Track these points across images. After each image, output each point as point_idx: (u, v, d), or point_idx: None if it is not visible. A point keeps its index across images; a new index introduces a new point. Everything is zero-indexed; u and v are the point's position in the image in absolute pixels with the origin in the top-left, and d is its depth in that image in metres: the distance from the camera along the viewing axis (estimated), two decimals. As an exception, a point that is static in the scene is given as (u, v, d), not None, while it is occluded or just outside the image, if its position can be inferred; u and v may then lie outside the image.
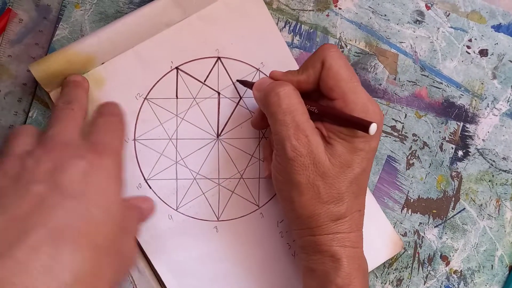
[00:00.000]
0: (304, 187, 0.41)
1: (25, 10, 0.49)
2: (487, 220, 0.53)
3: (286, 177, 0.42)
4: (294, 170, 0.40)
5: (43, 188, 0.35)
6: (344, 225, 0.42)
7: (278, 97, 0.41)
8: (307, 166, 0.40)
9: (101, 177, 0.38)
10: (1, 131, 0.49)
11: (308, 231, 0.42)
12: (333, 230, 0.42)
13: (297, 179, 0.41)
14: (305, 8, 0.52)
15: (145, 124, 0.50)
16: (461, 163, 0.53)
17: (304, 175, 0.40)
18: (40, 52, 0.50)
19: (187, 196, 0.50)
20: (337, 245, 0.42)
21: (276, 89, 0.41)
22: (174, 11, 0.49)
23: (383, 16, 0.53)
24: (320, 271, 0.42)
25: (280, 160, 0.42)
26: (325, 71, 0.42)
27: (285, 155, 0.41)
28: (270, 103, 0.41)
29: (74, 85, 0.47)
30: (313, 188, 0.41)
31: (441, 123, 0.53)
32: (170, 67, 0.50)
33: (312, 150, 0.40)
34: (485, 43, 0.53)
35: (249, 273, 0.51)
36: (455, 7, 0.53)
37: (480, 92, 0.53)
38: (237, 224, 0.51)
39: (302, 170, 0.40)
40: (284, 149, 0.40)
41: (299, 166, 0.40)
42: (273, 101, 0.41)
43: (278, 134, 0.41)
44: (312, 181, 0.41)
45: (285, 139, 0.40)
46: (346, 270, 0.41)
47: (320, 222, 0.42)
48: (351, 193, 0.42)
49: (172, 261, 0.50)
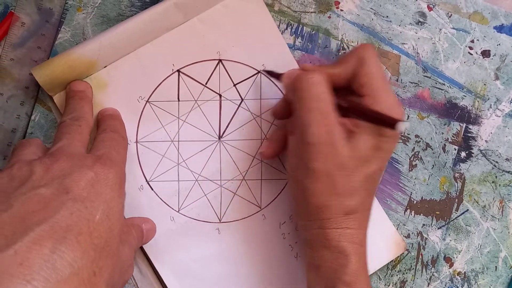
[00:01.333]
0: (320, 175, 0.41)
1: (28, 14, 0.50)
2: (491, 222, 0.53)
3: (302, 163, 0.42)
4: (312, 156, 0.41)
5: (50, 191, 0.36)
6: (354, 221, 0.42)
7: (308, 83, 0.42)
8: (325, 155, 0.41)
9: (106, 188, 0.38)
10: (4, 135, 0.50)
11: (317, 223, 0.42)
12: (343, 225, 0.42)
13: (313, 166, 0.41)
14: (306, 10, 0.52)
15: (147, 127, 0.50)
16: (464, 164, 0.53)
17: (321, 163, 0.41)
18: (42, 55, 0.50)
19: (189, 198, 0.50)
20: (346, 241, 0.42)
21: (309, 75, 0.42)
22: (175, 14, 0.49)
23: (385, 17, 0.52)
24: (326, 268, 0.42)
25: (300, 145, 0.42)
26: (361, 68, 0.43)
27: (306, 140, 0.41)
28: (300, 88, 0.42)
29: (79, 97, 0.47)
30: (328, 177, 0.41)
31: (443, 124, 0.53)
32: (171, 70, 0.50)
33: (333, 140, 0.41)
34: (487, 44, 0.53)
35: (251, 275, 0.51)
36: (457, 8, 0.53)
37: (483, 93, 0.53)
38: (239, 226, 0.51)
39: (320, 158, 0.41)
40: (306, 134, 0.41)
41: (318, 153, 0.41)
42: (303, 86, 0.42)
43: (302, 118, 0.42)
44: (329, 170, 0.41)
45: (308, 125, 0.41)
46: (354, 268, 0.41)
47: (331, 214, 0.41)
48: (365, 190, 0.42)
49: (174, 263, 0.50)
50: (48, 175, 0.37)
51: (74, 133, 0.43)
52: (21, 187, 0.36)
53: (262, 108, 0.51)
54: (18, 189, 0.36)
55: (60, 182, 0.37)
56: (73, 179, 0.37)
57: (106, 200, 0.38)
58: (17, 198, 0.35)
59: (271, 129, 0.51)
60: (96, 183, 0.38)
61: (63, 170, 0.38)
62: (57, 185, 0.36)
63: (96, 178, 0.38)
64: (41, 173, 0.37)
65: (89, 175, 0.38)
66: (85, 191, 0.37)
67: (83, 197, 0.36)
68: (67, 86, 0.48)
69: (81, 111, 0.46)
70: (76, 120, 0.44)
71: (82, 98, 0.47)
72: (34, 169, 0.37)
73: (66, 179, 0.37)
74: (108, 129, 0.46)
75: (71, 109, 0.46)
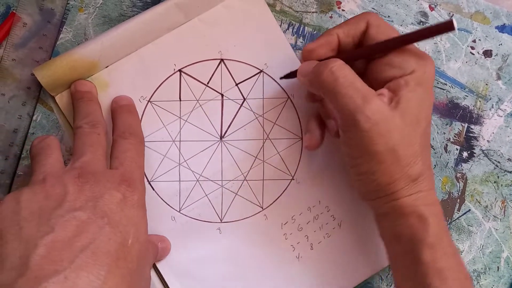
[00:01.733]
0: (383, 154, 0.40)
1: (29, 14, 0.50)
2: (493, 222, 0.53)
3: (362, 150, 0.40)
4: (372, 141, 0.39)
5: (86, 215, 0.37)
6: (424, 182, 0.42)
7: (332, 73, 0.40)
8: (383, 134, 0.39)
9: (133, 210, 0.40)
10: (5, 135, 0.50)
11: (390, 197, 0.42)
12: (414, 190, 0.41)
13: (375, 149, 0.40)
14: (308, 10, 0.52)
15: (148, 127, 0.50)
16: (466, 164, 0.53)
17: (382, 143, 0.39)
18: (44, 56, 0.50)
19: (190, 198, 0.50)
20: (421, 204, 0.41)
21: (328, 66, 0.41)
22: (176, 14, 0.49)
23: (387, 17, 0.52)
24: (407, 235, 0.41)
25: (353, 135, 0.40)
26: (373, 28, 0.43)
27: (359, 127, 0.39)
28: (326, 82, 0.41)
29: (88, 99, 0.48)
30: (392, 153, 0.40)
31: (445, 124, 0.53)
32: (173, 70, 0.50)
33: (385, 116, 0.39)
34: (489, 44, 0.53)
35: (252, 275, 0.50)
36: (459, 8, 0.53)
37: (485, 93, 0.53)
38: (241, 226, 0.51)
39: (379, 139, 0.39)
40: (357, 122, 0.39)
41: (376, 135, 0.39)
42: (328, 79, 0.41)
43: (344, 108, 0.40)
44: (391, 146, 0.40)
45: (356, 112, 0.39)
46: (434, 229, 0.41)
47: (401, 185, 0.41)
48: (423, 147, 0.42)
49: (175, 263, 0.50)
50: (81, 197, 0.38)
51: (97, 145, 0.44)
52: (58, 209, 0.37)
53: (264, 107, 0.51)
54: (55, 210, 0.37)
55: (94, 205, 0.38)
56: (105, 202, 0.38)
57: (135, 223, 0.40)
58: (57, 220, 0.36)
59: (273, 129, 0.51)
60: (124, 206, 0.39)
61: (94, 192, 0.39)
62: (91, 209, 0.38)
63: (124, 200, 0.40)
64: (75, 194, 0.38)
65: (118, 197, 0.39)
66: (117, 215, 0.38)
67: (116, 221, 0.38)
68: (70, 86, 0.49)
69: (95, 114, 0.46)
70: (93, 127, 0.45)
71: (92, 100, 0.48)
72: (67, 189, 0.38)
73: (99, 202, 0.38)
74: (126, 132, 0.46)
75: (84, 112, 0.46)
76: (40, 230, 0.35)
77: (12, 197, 0.38)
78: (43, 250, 0.34)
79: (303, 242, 0.51)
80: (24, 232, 0.35)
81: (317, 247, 0.51)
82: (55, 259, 0.34)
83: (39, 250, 0.34)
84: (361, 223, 0.51)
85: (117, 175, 0.41)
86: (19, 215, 0.36)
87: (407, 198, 0.41)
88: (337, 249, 0.51)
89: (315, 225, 0.51)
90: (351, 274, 0.51)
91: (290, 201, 0.51)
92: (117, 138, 0.45)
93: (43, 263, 0.34)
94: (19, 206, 0.37)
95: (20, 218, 0.36)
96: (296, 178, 0.51)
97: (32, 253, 0.34)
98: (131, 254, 0.38)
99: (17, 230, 0.36)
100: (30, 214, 0.36)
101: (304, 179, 0.51)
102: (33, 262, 0.33)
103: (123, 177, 0.41)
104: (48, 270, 0.33)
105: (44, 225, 0.36)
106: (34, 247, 0.34)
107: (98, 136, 0.44)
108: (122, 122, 0.47)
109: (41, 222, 0.36)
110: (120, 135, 0.45)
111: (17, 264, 0.34)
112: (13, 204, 0.37)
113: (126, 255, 0.37)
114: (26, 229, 0.36)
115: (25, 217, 0.36)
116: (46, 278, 0.33)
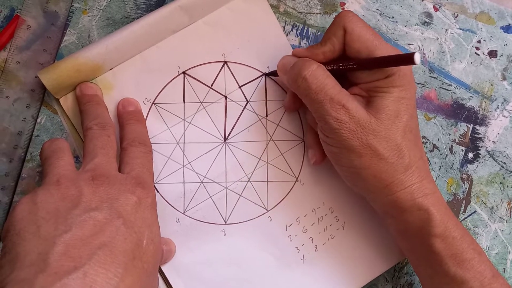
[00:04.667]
0: (360, 149, 0.42)
1: (33, 17, 0.50)
2: (499, 223, 0.52)
3: (340, 146, 0.43)
4: (344, 137, 0.42)
5: (102, 215, 0.38)
6: (414, 174, 0.43)
7: (305, 80, 0.43)
8: (354, 130, 0.41)
9: (147, 212, 0.41)
10: (10, 138, 0.50)
11: (383, 192, 0.43)
12: (406, 183, 0.42)
13: (349, 144, 0.42)
14: (312, 11, 0.52)
15: (152, 129, 0.50)
16: (471, 165, 0.53)
17: (355, 139, 0.42)
18: (48, 58, 0.50)
19: (194, 200, 0.50)
20: (419, 196, 0.42)
21: (302, 73, 0.43)
22: (180, 17, 0.49)
23: (391, 18, 0.52)
24: (413, 229, 0.43)
25: (328, 133, 0.43)
26: (348, 36, 0.43)
27: (330, 128, 0.42)
28: (300, 88, 0.43)
29: (96, 102, 0.48)
30: (369, 147, 0.42)
31: (450, 125, 0.52)
32: (177, 72, 0.50)
33: (353, 115, 0.41)
34: (494, 44, 0.53)
35: (257, 277, 0.50)
36: (464, 8, 0.53)
37: (490, 94, 0.53)
38: (245, 228, 0.51)
39: (351, 135, 0.42)
40: (328, 123, 0.42)
41: (347, 132, 0.42)
42: (302, 85, 0.43)
43: (316, 112, 0.43)
44: (365, 141, 0.42)
45: (325, 114, 0.42)
46: (438, 218, 0.42)
47: (390, 179, 0.42)
48: (408, 141, 0.43)
49: (180, 264, 0.50)
50: (96, 198, 0.39)
51: (108, 147, 0.44)
52: (74, 209, 0.38)
53: (268, 109, 0.51)
54: (72, 210, 0.38)
55: (110, 206, 0.39)
56: (121, 203, 0.39)
57: (149, 225, 0.41)
58: (74, 220, 0.37)
59: (277, 130, 0.51)
60: (139, 208, 0.40)
61: (109, 194, 0.40)
62: (107, 209, 0.38)
63: (138, 203, 0.40)
64: (90, 195, 0.39)
65: (133, 199, 0.40)
66: (132, 216, 0.39)
67: (131, 222, 0.39)
68: (76, 88, 0.49)
69: (103, 116, 0.47)
70: (103, 129, 0.45)
71: (99, 103, 0.48)
72: (82, 191, 0.39)
73: (114, 203, 0.39)
74: (136, 141, 0.46)
75: (93, 114, 0.47)
76: (57, 228, 0.36)
77: (28, 199, 0.38)
78: (62, 248, 0.35)
79: (307, 243, 0.51)
80: (42, 231, 0.36)
81: (321, 249, 0.51)
82: (73, 256, 0.35)
83: (57, 248, 0.35)
84: (364, 224, 0.51)
85: (130, 178, 0.42)
86: (37, 215, 0.37)
87: (401, 192, 0.42)
88: (341, 250, 0.51)
89: (320, 226, 0.51)
90: (356, 276, 0.51)
91: (294, 202, 0.51)
92: (127, 146, 0.46)
93: (62, 260, 0.34)
94: (36, 206, 0.38)
95: (37, 217, 0.37)
96: (300, 179, 0.51)
97: (51, 250, 0.35)
98: (147, 255, 0.39)
99: (35, 229, 0.36)
100: (47, 214, 0.37)
101: (308, 180, 0.51)
102: (52, 259, 0.34)
103: (137, 181, 0.42)
104: (67, 266, 0.34)
105: (61, 224, 0.36)
106: (53, 245, 0.35)
107: (108, 138, 0.45)
108: (131, 131, 0.47)
109: (58, 221, 0.37)
110: (130, 143, 0.46)
111: (36, 261, 0.34)
112: (30, 205, 0.38)
113: (141, 256, 0.38)
114: (44, 228, 0.36)
115: (42, 216, 0.37)
116: (66, 274, 0.33)
